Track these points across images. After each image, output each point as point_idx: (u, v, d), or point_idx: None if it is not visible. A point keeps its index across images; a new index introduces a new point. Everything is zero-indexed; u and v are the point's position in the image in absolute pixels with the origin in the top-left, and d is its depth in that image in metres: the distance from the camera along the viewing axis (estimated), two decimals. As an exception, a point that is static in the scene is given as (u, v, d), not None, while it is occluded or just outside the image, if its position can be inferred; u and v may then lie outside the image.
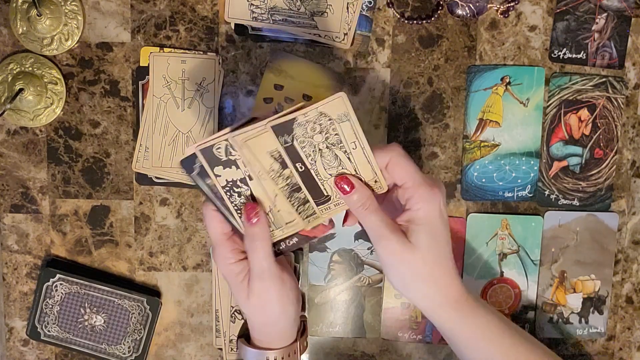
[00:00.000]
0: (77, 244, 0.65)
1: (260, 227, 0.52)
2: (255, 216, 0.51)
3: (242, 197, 0.51)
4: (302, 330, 0.59)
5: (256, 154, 0.49)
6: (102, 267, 0.65)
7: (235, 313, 0.65)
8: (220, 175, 0.50)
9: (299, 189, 0.52)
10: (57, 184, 0.64)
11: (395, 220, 0.52)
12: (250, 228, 0.52)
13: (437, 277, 0.52)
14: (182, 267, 0.65)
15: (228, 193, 0.51)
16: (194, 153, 0.49)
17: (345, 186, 0.51)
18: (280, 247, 0.55)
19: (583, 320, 0.67)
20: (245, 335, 0.58)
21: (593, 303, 0.67)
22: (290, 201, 0.52)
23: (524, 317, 0.67)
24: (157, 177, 0.64)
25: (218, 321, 0.65)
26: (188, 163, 0.50)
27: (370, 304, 0.66)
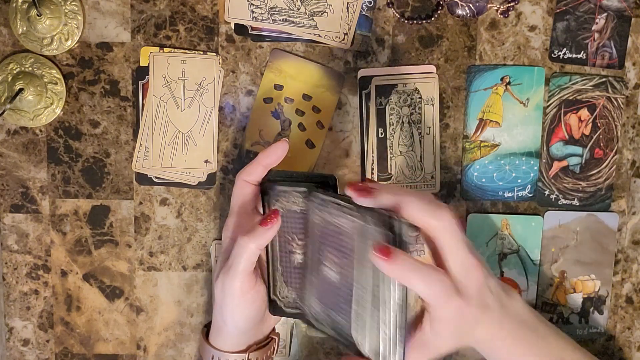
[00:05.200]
0: (77, 244, 0.65)
1: (270, 232, 0.52)
2: (272, 221, 0.52)
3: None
4: (263, 345, 0.58)
5: None
6: (102, 267, 0.65)
7: (235, 313, 0.65)
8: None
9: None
10: (57, 184, 0.64)
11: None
12: (262, 229, 0.52)
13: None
14: (182, 267, 0.65)
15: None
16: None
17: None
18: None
19: (583, 320, 0.67)
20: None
21: (593, 303, 0.67)
22: None
23: (524, 317, 0.67)
24: (157, 177, 0.64)
25: (218, 321, 0.65)
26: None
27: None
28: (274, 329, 0.59)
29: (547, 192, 0.65)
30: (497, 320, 0.51)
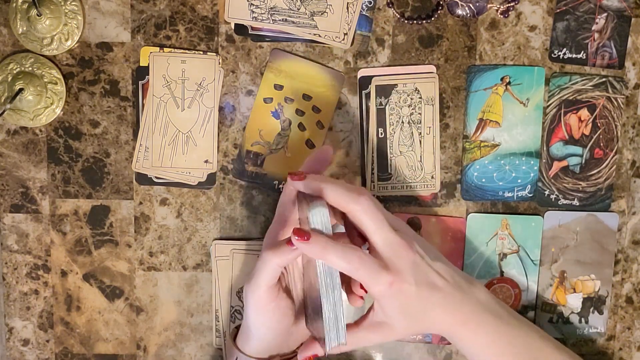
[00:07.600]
0: (77, 244, 0.65)
1: (294, 253, 0.51)
2: (299, 243, 0.50)
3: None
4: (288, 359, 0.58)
5: None
6: (102, 267, 0.65)
7: (235, 313, 0.65)
8: None
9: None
10: (57, 184, 0.64)
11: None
12: (288, 249, 0.51)
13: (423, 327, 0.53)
14: (182, 267, 0.65)
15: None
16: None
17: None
18: None
19: (583, 320, 0.67)
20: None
21: (593, 303, 0.67)
22: None
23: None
24: (157, 177, 0.64)
25: (218, 321, 0.65)
26: None
27: (370, 304, 0.66)
28: (301, 344, 0.58)
29: (547, 192, 0.65)
30: (455, 303, 0.52)
